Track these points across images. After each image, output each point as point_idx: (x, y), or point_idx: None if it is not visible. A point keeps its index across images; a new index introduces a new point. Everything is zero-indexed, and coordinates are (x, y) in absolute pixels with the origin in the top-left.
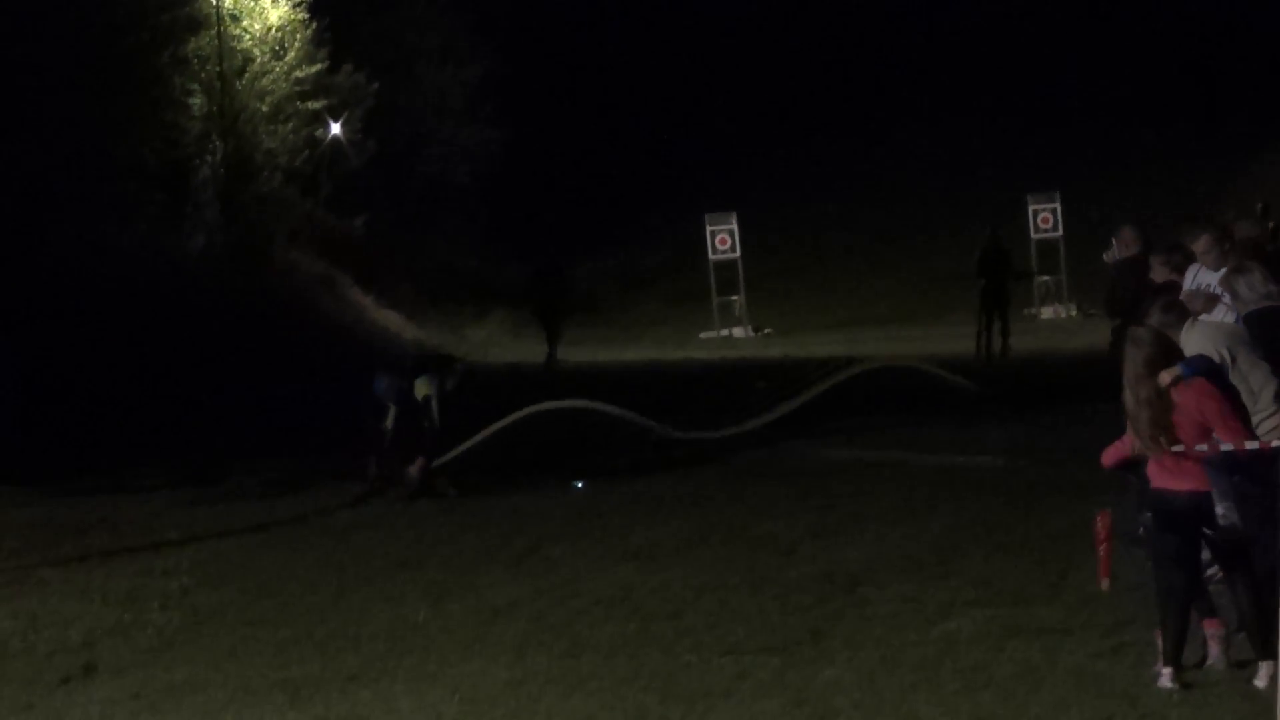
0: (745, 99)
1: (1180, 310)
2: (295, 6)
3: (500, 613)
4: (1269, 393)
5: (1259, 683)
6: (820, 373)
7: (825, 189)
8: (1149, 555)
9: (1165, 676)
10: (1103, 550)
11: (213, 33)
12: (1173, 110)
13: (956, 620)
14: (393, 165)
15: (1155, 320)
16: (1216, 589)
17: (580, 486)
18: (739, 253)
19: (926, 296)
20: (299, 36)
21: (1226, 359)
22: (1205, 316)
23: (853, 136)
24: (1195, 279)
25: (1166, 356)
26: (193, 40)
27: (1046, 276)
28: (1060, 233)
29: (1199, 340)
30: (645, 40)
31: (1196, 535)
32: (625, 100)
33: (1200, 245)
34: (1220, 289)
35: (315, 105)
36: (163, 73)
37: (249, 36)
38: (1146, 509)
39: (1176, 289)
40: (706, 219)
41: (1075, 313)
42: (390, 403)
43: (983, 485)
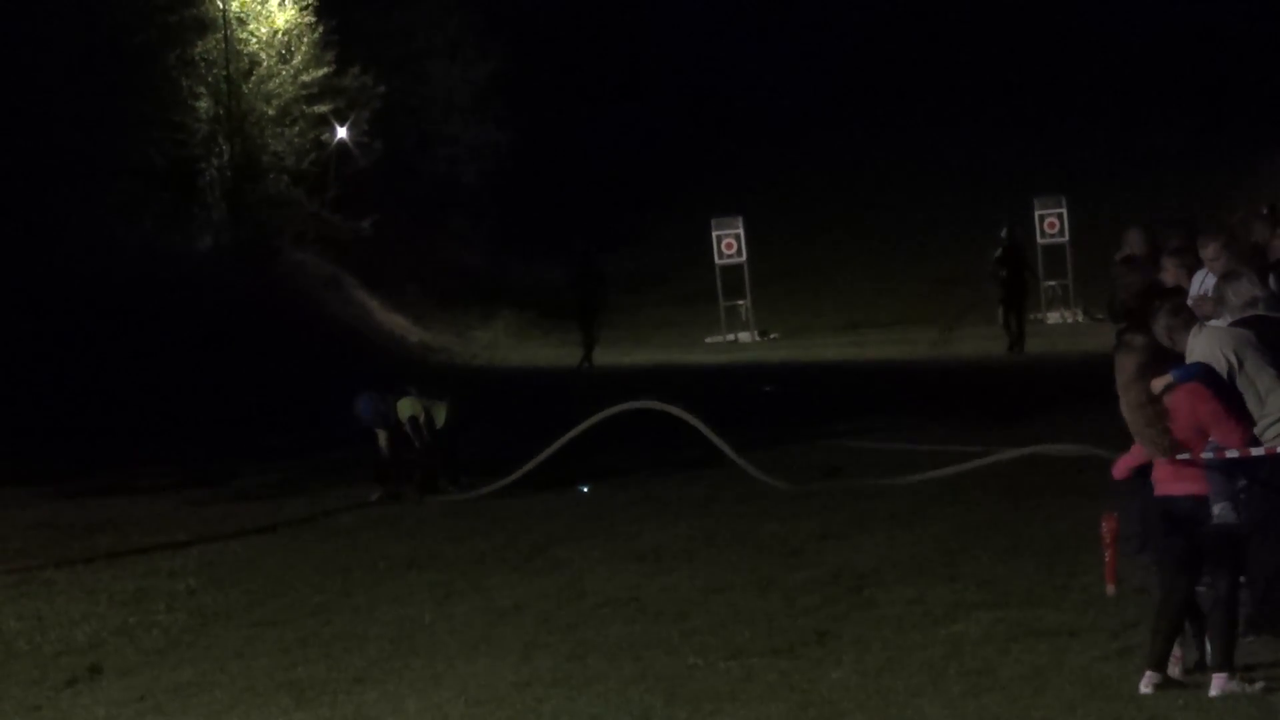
0: (752, 102)
1: (1188, 314)
2: (302, 9)
3: (506, 614)
4: (1276, 397)
5: (1214, 693)
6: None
7: (831, 193)
8: (1153, 560)
9: (1146, 680)
10: (1109, 553)
11: (220, 35)
12: (1179, 112)
13: (963, 622)
14: (400, 166)
15: (1163, 324)
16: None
17: (585, 490)
18: (745, 257)
19: (933, 300)
20: (306, 39)
21: (1234, 363)
22: (1214, 321)
23: (859, 140)
24: (1203, 284)
25: (1158, 363)
26: (200, 43)
27: (1053, 281)
28: (1067, 237)
29: (1205, 344)
30: (652, 41)
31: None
32: (633, 101)
33: (1209, 251)
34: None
35: (322, 108)
36: (170, 75)
37: (256, 40)
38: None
39: (1184, 293)
40: (713, 223)
41: (1082, 317)
42: (376, 425)
43: (989, 488)
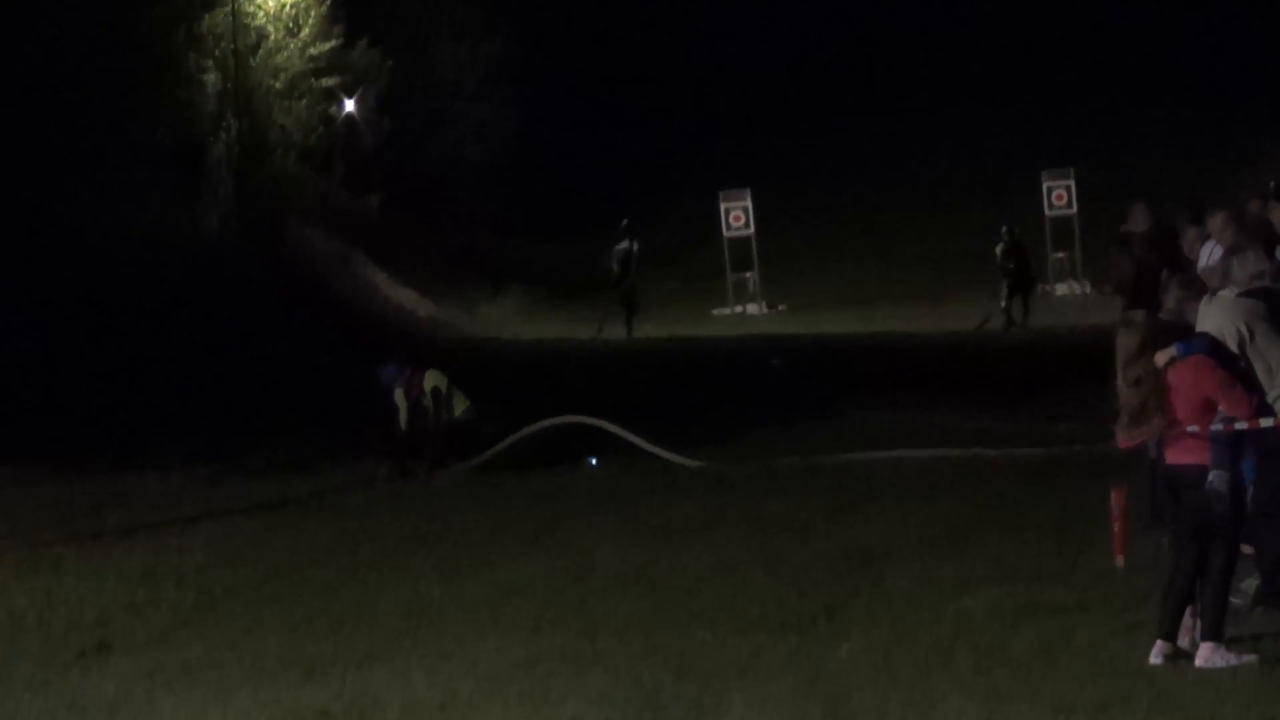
0: (760, 76)
1: (1200, 286)
2: None
3: (515, 590)
4: None
5: (1198, 662)
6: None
7: (840, 166)
8: (1168, 533)
9: (1156, 651)
10: (1117, 528)
11: (227, 10)
12: (1187, 86)
13: (971, 599)
14: (408, 143)
15: (1174, 296)
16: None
17: (595, 464)
18: (753, 230)
19: (941, 274)
20: (313, 13)
21: (1245, 334)
22: (1223, 292)
23: (867, 113)
24: (1210, 257)
25: (1158, 339)
26: (207, 17)
27: (1061, 254)
28: (1074, 210)
29: (1216, 315)
30: (659, 17)
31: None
32: (640, 77)
33: (1215, 224)
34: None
35: (329, 82)
36: (177, 50)
37: (263, 13)
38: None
39: (1193, 264)
40: (721, 196)
41: (1089, 289)
42: (398, 389)
43: (998, 463)
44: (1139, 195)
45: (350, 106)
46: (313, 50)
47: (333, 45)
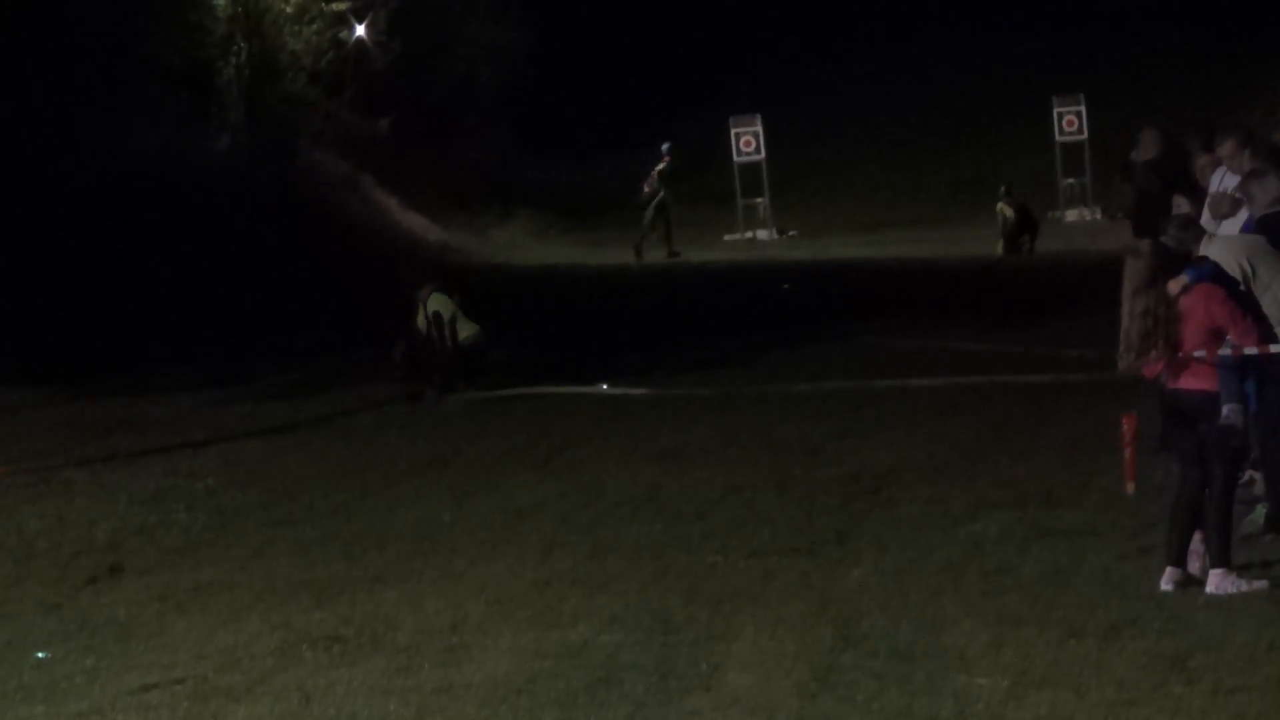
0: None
1: (1197, 229)
2: None
3: (526, 513)
4: None
5: (1209, 589)
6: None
7: (850, 91)
8: (1174, 458)
9: (1166, 577)
10: (1129, 452)
11: None
12: (1197, 10)
13: (982, 522)
14: (418, 66)
15: (1173, 238)
16: (1243, 492)
17: (605, 388)
18: (763, 155)
19: (952, 199)
20: None
21: (1247, 270)
22: (1227, 221)
23: (877, 38)
24: (1221, 182)
25: (1168, 267)
26: None
27: (1071, 179)
28: (1085, 135)
29: (1218, 253)
30: None
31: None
32: (651, 1)
33: (1226, 149)
34: (1239, 193)
35: (340, 6)
36: None
37: None
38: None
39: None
40: (731, 121)
41: (1100, 215)
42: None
43: (1007, 388)
44: (1150, 120)
45: (360, 31)
46: None
47: None
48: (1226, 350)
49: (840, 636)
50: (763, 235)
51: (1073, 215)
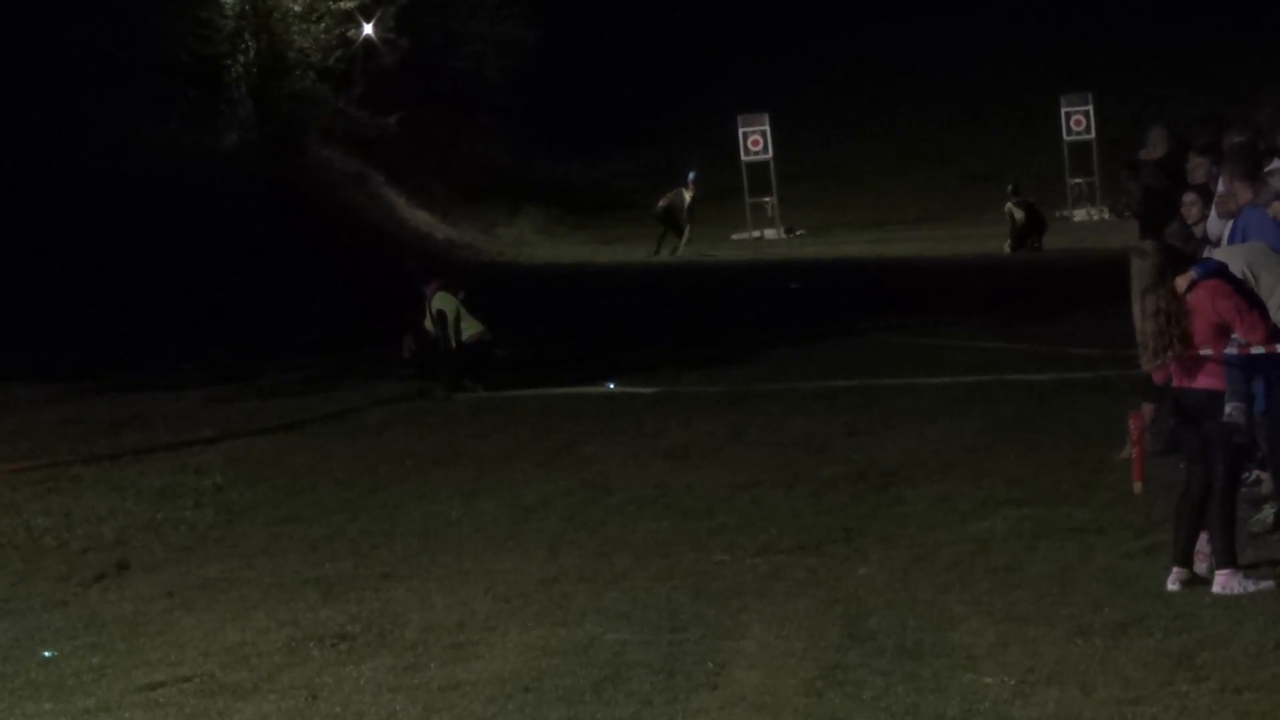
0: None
1: (1197, 241)
2: None
3: (533, 510)
4: None
5: (1215, 589)
6: None
7: (858, 90)
8: (1182, 457)
9: (1173, 577)
10: (1136, 450)
11: None
12: (1205, 8)
13: (990, 520)
14: (425, 63)
15: (1174, 235)
16: (1250, 492)
17: (612, 386)
18: (771, 154)
19: (959, 197)
20: None
21: (1249, 277)
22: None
23: (886, 37)
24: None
25: (1175, 264)
26: None
27: (1079, 179)
28: (1093, 135)
29: (1221, 260)
30: None
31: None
32: None
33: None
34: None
35: (348, 4)
36: None
37: None
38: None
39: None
40: (739, 120)
41: (1108, 214)
42: (418, 286)
43: (1015, 385)
44: (1158, 119)
45: (368, 29)
46: None
47: None
48: (1233, 349)
49: (847, 634)
50: (770, 234)
51: (1080, 214)
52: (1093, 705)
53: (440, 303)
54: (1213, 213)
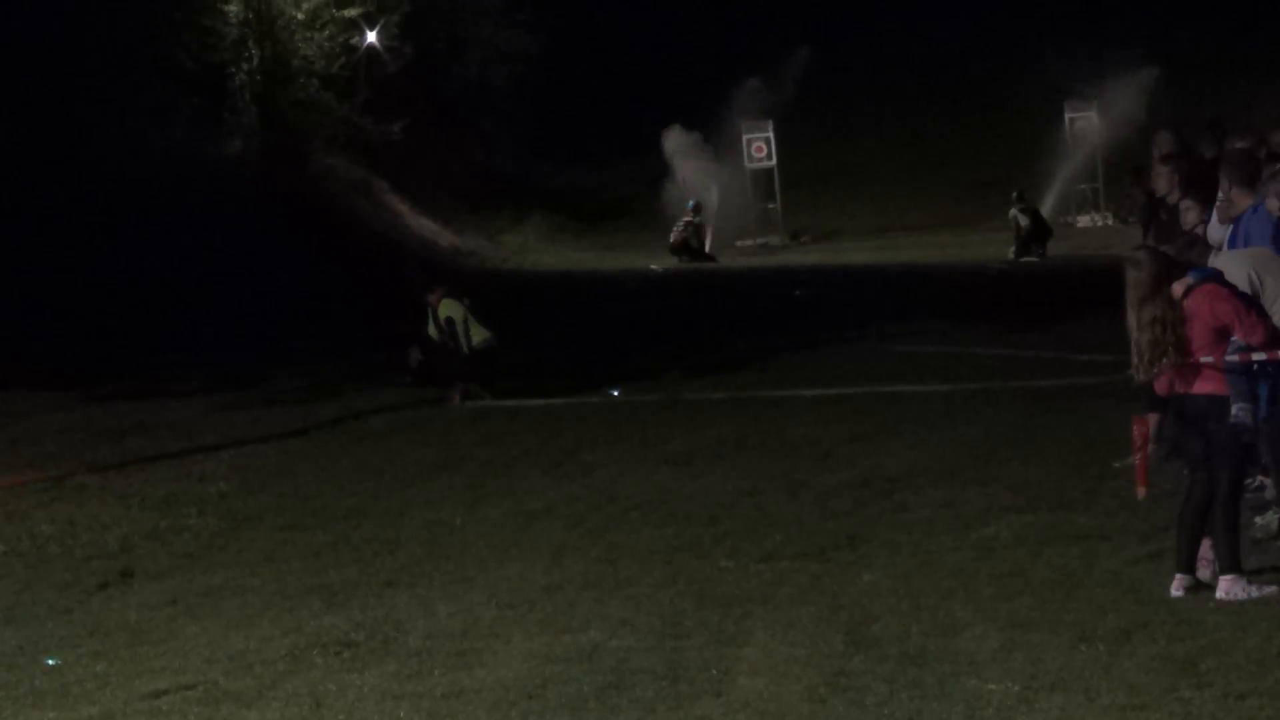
0: (784, 3)
1: (1203, 245)
2: None
3: (537, 517)
4: None
5: (1219, 594)
6: None
7: (862, 96)
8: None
9: (1177, 584)
10: (1140, 457)
11: None
12: (1208, 13)
13: (994, 526)
14: (430, 70)
15: (1180, 255)
16: (1254, 498)
17: (616, 394)
18: (775, 161)
19: (963, 203)
20: None
21: (1256, 282)
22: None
23: (890, 42)
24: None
25: (1170, 272)
26: None
27: (1083, 185)
28: (1098, 140)
29: (1226, 265)
30: None
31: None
32: (663, 3)
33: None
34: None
35: (352, 12)
36: None
37: None
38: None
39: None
40: (743, 127)
41: (1111, 220)
42: (419, 296)
43: (1019, 391)
44: (1164, 122)
45: (372, 36)
46: None
47: None
48: (1234, 355)
49: (851, 641)
50: (775, 240)
51: (1085, 220)
52: (1096, 711)
53: (448, 309)
54: (1214, 218)
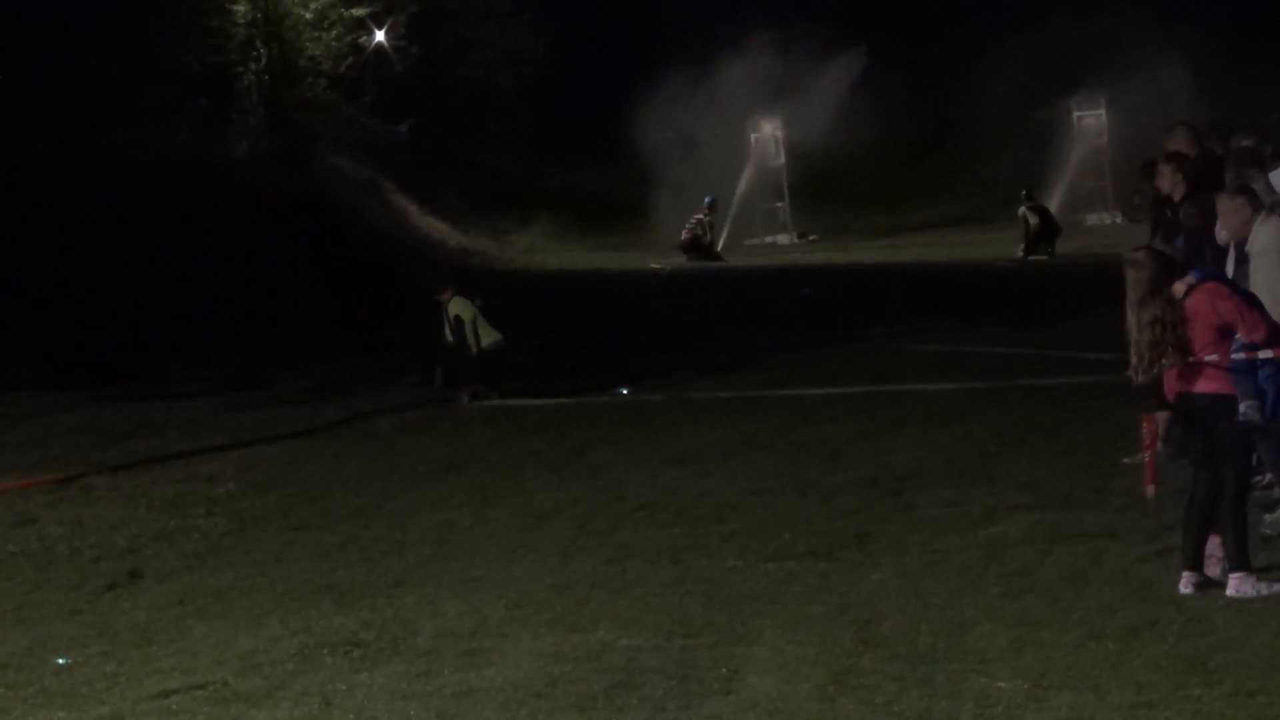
0: (791, 4)
1: (1256, 203)
2: None
3: (545, 517)
4: None
5: (1229, 592)
6: None
7: (869, 94)
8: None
9: (1185, 581)
10: (1148, 455)
11: None
12: (1216, 10)
13: (1002, 524)
14: (437, 70)
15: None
16: (1264, 495)
17: (624, 393)
18: (784, 159)
19: (969, 202)
20: None
21: None
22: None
23: (896, 41)
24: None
25: (1170, 273)
26: None
27: (1091, 183)
28: (1105, 138)
29: (1270, 234)
30: None
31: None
32: (669, 4)
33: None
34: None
35: (360, 12)
36: None
37: None
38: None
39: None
40: (752, 125)
41: (1120, 219)
42: (435, 293)
43: (1026, 390)
44: (1182, 120)
45: (380, 36)
46: None
47: None
48: (1239, 354)
49: (860, 639)
50: (782, 239)
51: (1093, 218)
52: (1106, 710)
53: (457, 308)
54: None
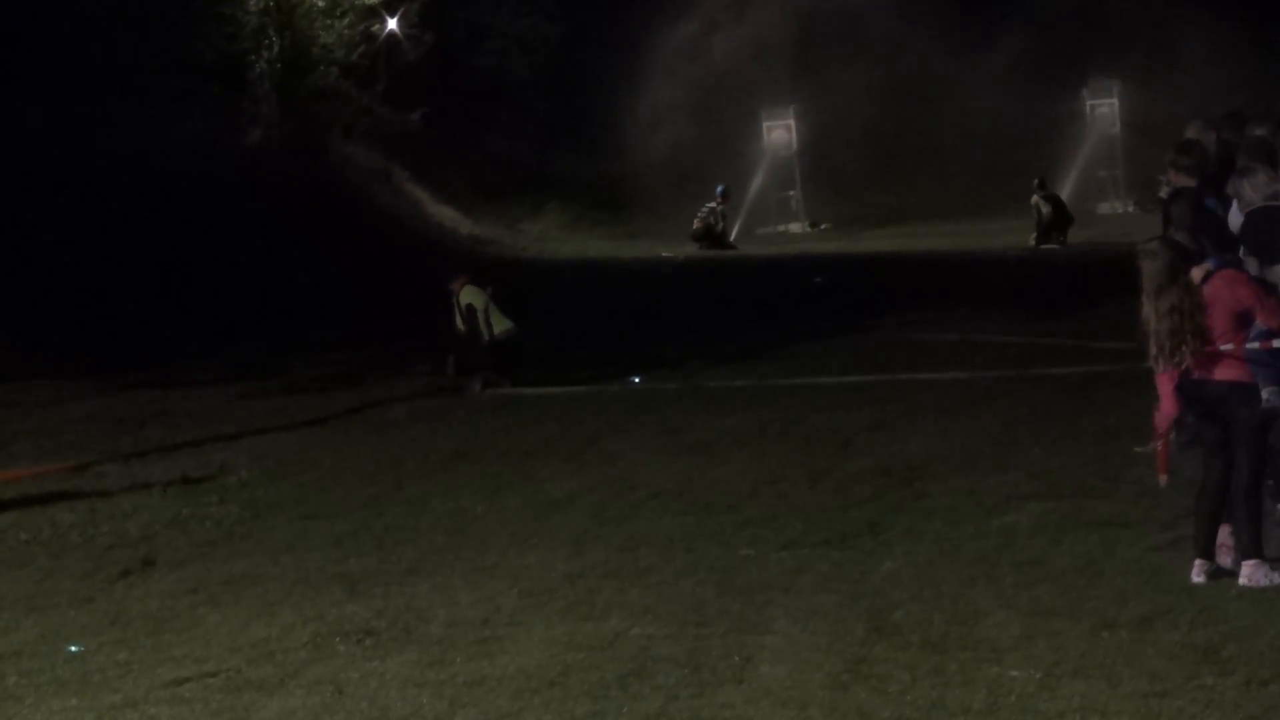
0: None
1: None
2: None
3: (558, 505)
4: None
5: (1242, 580)
6: None
7: (882, 82)
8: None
9: (1197, 570)
10: (1161, 444)
11: None
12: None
13: (1015, 513)
14: (450, 59)
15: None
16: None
17: (637, 381)
18: (796, 147)
19: (982, 191)
20: None
21: None
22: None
23: (909, 29)
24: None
25: (1185, 261)
26: None
27: (1104, 172)
28: (1118, 127)
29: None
30: None
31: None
32: None
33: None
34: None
35: (372, 0)
36: None
37: None
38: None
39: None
40: (763, 114)
41: (1132, 208)
42: (447, 284)
43: (1039, 379)
44: (1184, 111)
45: (393, 24)
46: None
47: None
48: (1255, 344)
49: (872, 628)
50: (795, 228)
51: (1105, 208)
52: (1118, 698)
53: (469, 296)
54: (1234, 206)
